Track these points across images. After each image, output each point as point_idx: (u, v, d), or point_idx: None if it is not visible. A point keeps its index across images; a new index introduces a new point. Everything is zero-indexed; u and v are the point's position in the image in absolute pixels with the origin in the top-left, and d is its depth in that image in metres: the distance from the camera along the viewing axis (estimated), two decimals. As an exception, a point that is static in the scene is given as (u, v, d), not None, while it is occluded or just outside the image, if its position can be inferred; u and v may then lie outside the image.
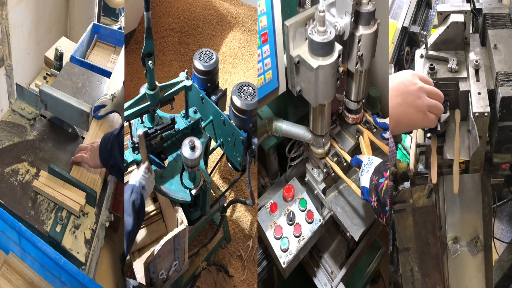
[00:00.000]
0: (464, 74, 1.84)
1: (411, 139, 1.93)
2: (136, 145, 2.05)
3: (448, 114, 1.85)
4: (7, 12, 2.70)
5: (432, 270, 1.83)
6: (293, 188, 2.23)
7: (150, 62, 1.86)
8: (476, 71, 1.82)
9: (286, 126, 2.10)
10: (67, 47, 3.21)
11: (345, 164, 2.10)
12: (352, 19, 1.71)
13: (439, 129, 1.83)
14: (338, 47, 1.68)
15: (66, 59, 3.00)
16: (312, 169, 2.18)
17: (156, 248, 1.94)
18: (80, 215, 2.15)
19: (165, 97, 2.05)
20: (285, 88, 1.94)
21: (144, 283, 2.04)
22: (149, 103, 2.00)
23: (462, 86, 1.82)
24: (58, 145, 2.39)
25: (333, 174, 2.11)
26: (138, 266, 2.14)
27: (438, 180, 1.86)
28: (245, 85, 2.17)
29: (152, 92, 1.96)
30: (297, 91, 1.80)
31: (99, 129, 2.49)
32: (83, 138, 2.50)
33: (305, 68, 1.69)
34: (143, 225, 2.37)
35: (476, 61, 1.82)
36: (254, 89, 2.16)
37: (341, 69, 1.73)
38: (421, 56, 1.93)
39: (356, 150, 2.24)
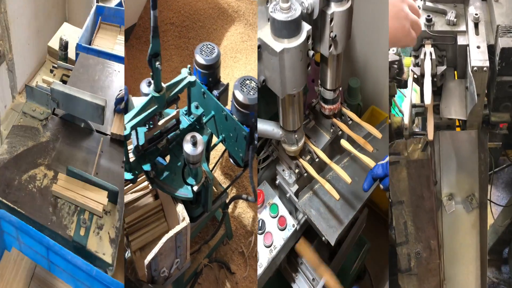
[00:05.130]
0: (463, 28, 1.78)
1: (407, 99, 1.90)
2: (144, 152, 1.95)
3: (445, 67, 1.79)
4: (6, 5, 2.61)
5: (426, 225, 1.78)
6: (262, 193, 2.04)
7: (157, 63, 1.75)
8: (476, 25, 1.75)
9: (253, 124, 1.94)
10: (70, 33, 3.09)
11: (317, 160, 1.91)
12: (322, -6, 1.47)
13: (435, 80, 1.76)
14: (306, 27, 1.44)
15: (71, 47, 2.89)
16: (283, 170, 1.96)
17: (158, 246, 1.85)
18: (103, 214, 2.06)
19: (171, 97, 1.94)
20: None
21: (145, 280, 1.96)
22: (156, 106, 1.88)
23: (461, 40, 1.76)
24: (73, 143, 2.32)
25: (305, 174, 1.92)
26: (140, 264, 2.05)
27: (434, 136, 1.80)
28: (248, 79, 2.10)
29: (159, 95, 1.85)
30: (260, 81, 1.56)
31: (121, 130, 2.38)
32: (97, 131, 2.41)
33: (268, 53, 1.45)
34: (145, 223, 2.29)
35: (476, 14, 1.75)
36: (256, 84, 2.06)
37: (311, 52, 1.49)
38: (418, 8, 1.81)
39: (332, 145, 2.06)
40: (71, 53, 2.95)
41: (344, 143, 1.88)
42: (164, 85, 1.90)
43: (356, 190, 2.01)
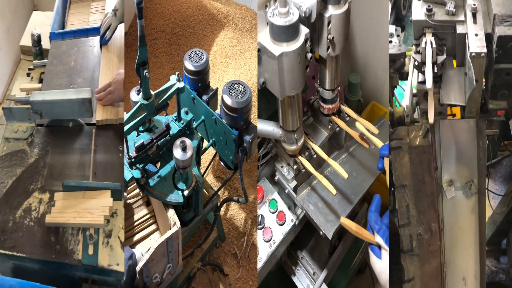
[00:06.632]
0: (462, 18, 1.78)
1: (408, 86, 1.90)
2: (134, 160, 1.94)
3: (445, 56, 1.79)
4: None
5: (427, 208, 1.81)
6: (262, 189, 2.08)
7: (145, 71, 1.78)
8: (474, 15, 1.76)
9: (253, 124, 1.91)
10: (43, 20, 2.82)
11: (315, 156, 1.95)
12: (320, -2, 1.49)
13: (436, 71, 1.77)
14: (304, 30, 1.48)
15: (45, 37, 2.61)
16: (282, 166, 2.01)
17: (149, 252, 1.83)
18: (110, 217, 1.92)
19: (159, 104, 1.97)
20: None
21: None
22: (145, 113, 1.92)
23: (459, 29, 1.77)
24: (64, 150, 2.16)
25: (304, 170, 1.96)
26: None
27: (434, 124, 1.82)
28: (236, 83, 2.12)
29: (147, 102, 1.89)
30: (260, 83, 1.61)
31: (106, 113, 2.26)
32: (88, 124, 2.25)
33: (267, 57, 1.49)
34: (137, 229, 2.27)
35: (474, 5, 1.76)
36: (244, 87, 2.10)
37: (309, 55, 1.54)
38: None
39: (330, 141, 2.14)
40: (46, 43, 2.65)
41: (358, 125, 1.92)
42: (153, 92, 1.91)
43: (353, 185, 2.05)
